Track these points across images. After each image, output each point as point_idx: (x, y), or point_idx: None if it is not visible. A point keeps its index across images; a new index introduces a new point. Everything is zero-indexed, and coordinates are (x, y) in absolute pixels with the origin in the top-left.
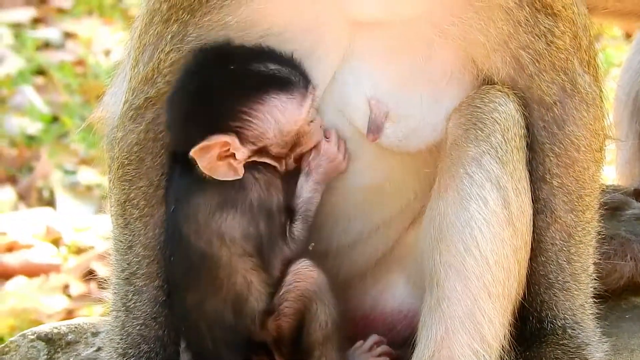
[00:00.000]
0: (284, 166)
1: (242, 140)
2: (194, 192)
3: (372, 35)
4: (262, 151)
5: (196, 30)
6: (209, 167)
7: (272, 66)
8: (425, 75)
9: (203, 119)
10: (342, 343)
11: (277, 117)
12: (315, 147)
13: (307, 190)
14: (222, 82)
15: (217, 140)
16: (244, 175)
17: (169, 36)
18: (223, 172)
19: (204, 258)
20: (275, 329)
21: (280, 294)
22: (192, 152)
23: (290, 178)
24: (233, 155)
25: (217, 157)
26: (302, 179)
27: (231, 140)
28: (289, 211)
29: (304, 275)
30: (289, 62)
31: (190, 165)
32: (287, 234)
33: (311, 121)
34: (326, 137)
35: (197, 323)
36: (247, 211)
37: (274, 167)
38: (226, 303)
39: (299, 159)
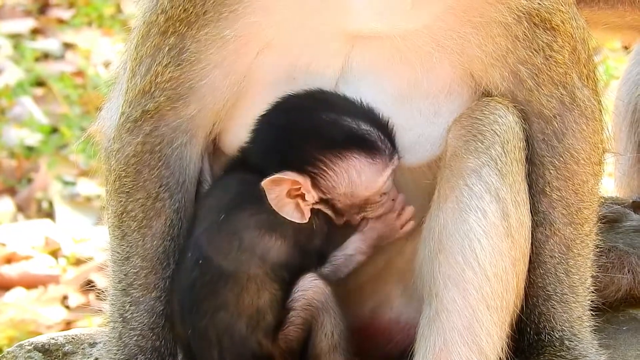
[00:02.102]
0: (342, 221)
1: (314, 185)
2: (248, 210)
3: (370, 49)
4: (328, 203)
5: (194, 43)
6: (277, 201)
7: (364, 126)
8: (424, 88)
9: (283, 154)
10: (350, 355)
11: (353, 177)
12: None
13: (352, 248)
14: (311, 125)
15: (291, 177)
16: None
17: (167, 49)
18: (289, 211)
19: (237, 272)
20: (284, 340)
21: (288, 302)
22: (264, 183)
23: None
24: (302, 196)
25: (287, 193)
26: (354, 237)
27: (304, 181)
28: (322, 256)
29: (310, 285)
30: (382, 127)
31: (250, 185)
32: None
33: (384, 193)
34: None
35: (206, 332)
36: (291, 245)
37: (331, 217)
38: (242, 316)
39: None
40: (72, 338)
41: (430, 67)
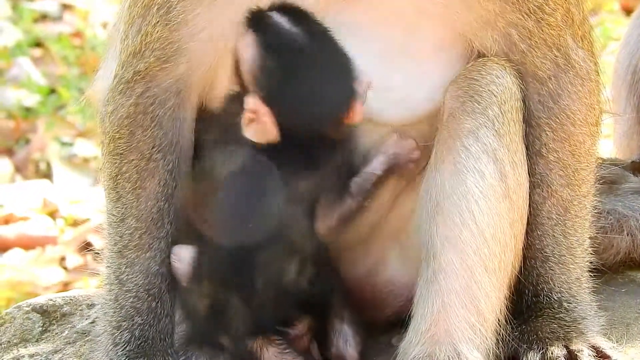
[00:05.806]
0: None
1: None
2: None
3: (354, 11)
4: None
5: (181, 2)
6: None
7: None
8: (409, 50)
9: None
10: None
11: None
12: None
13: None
14: None
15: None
16: None
17: (155, 8)
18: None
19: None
20: None
21: None
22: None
23: None
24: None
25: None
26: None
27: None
28: None
29: None
30: None
31: None
32: None
33: None
34: None
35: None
36: None
37: None
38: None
39: None
40: (70, 299)
41: (416, 28)
